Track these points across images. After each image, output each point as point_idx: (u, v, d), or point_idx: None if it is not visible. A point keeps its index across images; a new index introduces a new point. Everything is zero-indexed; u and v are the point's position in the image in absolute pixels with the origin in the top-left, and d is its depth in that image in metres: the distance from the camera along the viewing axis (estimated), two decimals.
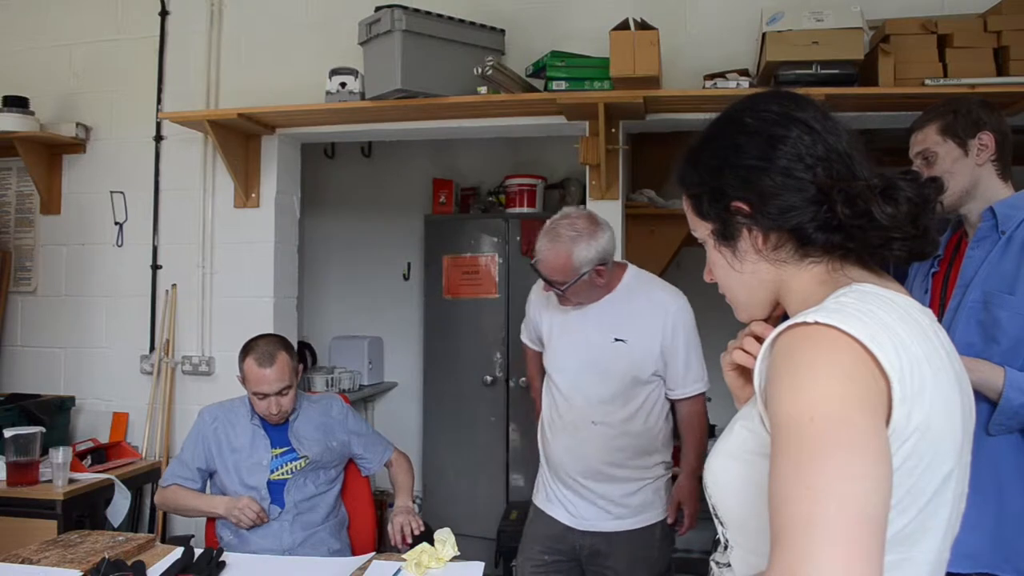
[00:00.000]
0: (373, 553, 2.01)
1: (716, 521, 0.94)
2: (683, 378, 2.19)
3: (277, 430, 2.34)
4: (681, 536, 2.27)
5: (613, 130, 2.86)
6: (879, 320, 0.78)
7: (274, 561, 2.03)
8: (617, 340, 2.12)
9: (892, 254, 0.85)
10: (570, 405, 2.16)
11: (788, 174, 0.87)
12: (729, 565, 0.93)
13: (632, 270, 2.23)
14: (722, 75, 2.70)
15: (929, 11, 2.69)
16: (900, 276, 1.71)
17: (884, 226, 0.83)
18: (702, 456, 2.27)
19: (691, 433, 2.25)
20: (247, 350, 2.29)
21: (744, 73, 2.71)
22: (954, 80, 2.48)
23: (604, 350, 2.12)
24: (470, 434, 4.02)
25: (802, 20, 2.54)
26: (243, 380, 2.30)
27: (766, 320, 0.97)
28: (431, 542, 1.86)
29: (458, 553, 1.84)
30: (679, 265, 3.77)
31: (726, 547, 0.94)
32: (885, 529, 0.69)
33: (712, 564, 0.98)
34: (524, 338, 2.46)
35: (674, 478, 2.28)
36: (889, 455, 0.73)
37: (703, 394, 2.25)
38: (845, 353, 0.75)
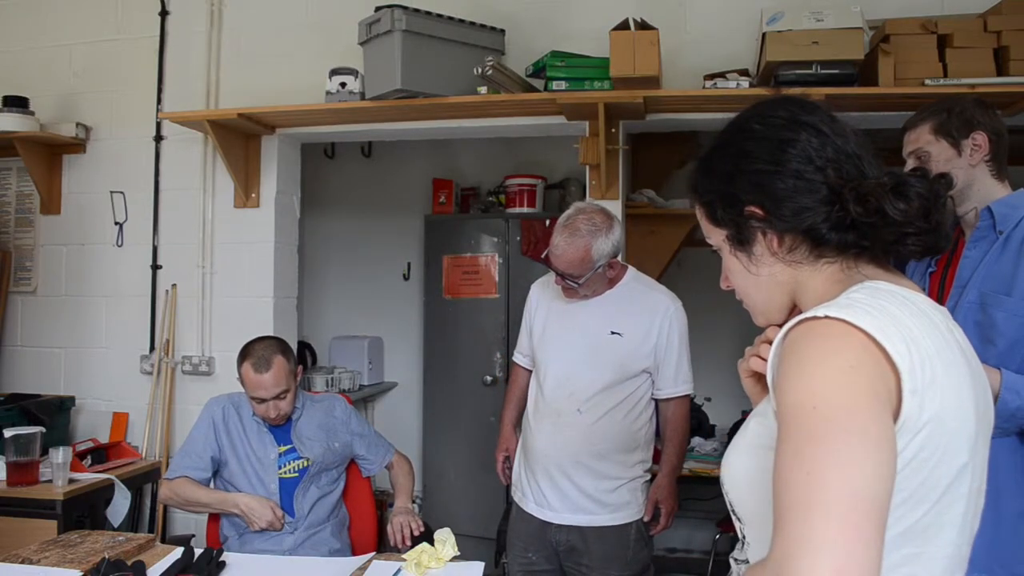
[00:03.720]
0: (373, 553, 2.01)
1: (733, 517, 0.95)
2: (673, 378, 2.25)
3: (280, 429, 2.34)
4: (655, 535, 2.29)
5: (613, 130, 2.86)
6: (890, 315, 0.79)
7: (274, 561, 2.03)
8: (613, 333, 2.19)
9: (907, 249, 0.87)
10: (559, 393, 2.21)
11: (799, 176, 0.88)
12: (747, 562, 0.93)
13: (632, 271, 2.31)
14: (722, 75, 2.70)
15: (929, 11, 2.69)
16: None
17: (897, 222, 0.84)
18: (683, 456, 2.35)
19: (674, 434, 2.29)
20: (244, 354, 2.29)
21: (744, 73, 2.71)
22: (954, 80, 2.48)
23: (600, 341, 2.19)
24: (470, 434, 4.02)
25: (802, 20, 2.54)
26: (242, 383, 2.31)
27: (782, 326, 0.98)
28: (431, 542, 1.86)
29: (458, 553, 1.84)
30: (679, 265, 3.78)
31: (744, 543, 0.94)
32: (886, 514, 0.70)
33: (732, 561, 0.99)
34: (519, 356, 2.46)
35: (654, 477, 2.31)
36: (893, 442, 0.74)
37: (688, 397, 2.31)
38: (852, 345, 0.76)
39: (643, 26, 2.64)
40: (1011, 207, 1.60)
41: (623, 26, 2.64)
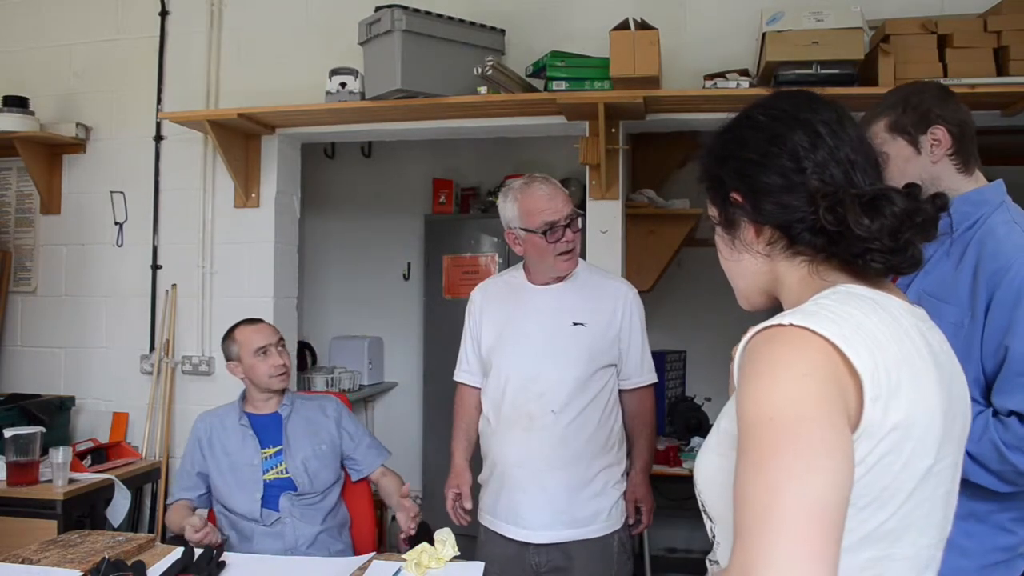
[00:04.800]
0: (373, 553, 2.01)
1: (704, 516, 0.95)
2: (639, 366, 2.17)
3: (266, 430, 2.31)
4: (636, 535, 2.21)
5: (613, 130, 2.86)
6: (855, 321, 0.80)
7: (274, 561, 2.03)
8: (576, 324, 2.09)
9: (868, 265, 0.86)
10: (526, 395, 2.08)
11: (782, 174, 0.89)
12: (719, 563, 0.93)
13: (583, 263, 2.21)
14: (722, 75, 2.70)
15: (929, 11, 2.69)
16: None
17: (860, 236, 0.84)
18: (654, 450, 2.27)
19: (642, 428, 2.19)
20: (232, 328, 2.40)
21: (744, 73, 2.71)
22: (954, 80, 2.47)
23: (563, 335, 2.08)
24: None
25: (802, 20, 2.54)
26: (238, 355, 2.32)
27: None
28: (431, 542, 1.86)
29: (458, 553, 1.84)
30: (679, 265, 3.78)
31: (715, 543, 0.94)
32: (843, 522, 0.71)
33: (707, 563, 0.99)
34: (464, 374, 2.28)
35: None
36: (849, 450, 0.74)
37: (654, 387, 2.23)
38: (810, 353, 0.77)
39: (643, 26, 2.64)
40: (972, 204, 1.49)
41: (623, 26, 2.64)
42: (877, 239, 0.84)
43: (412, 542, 2.08)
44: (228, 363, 2.37)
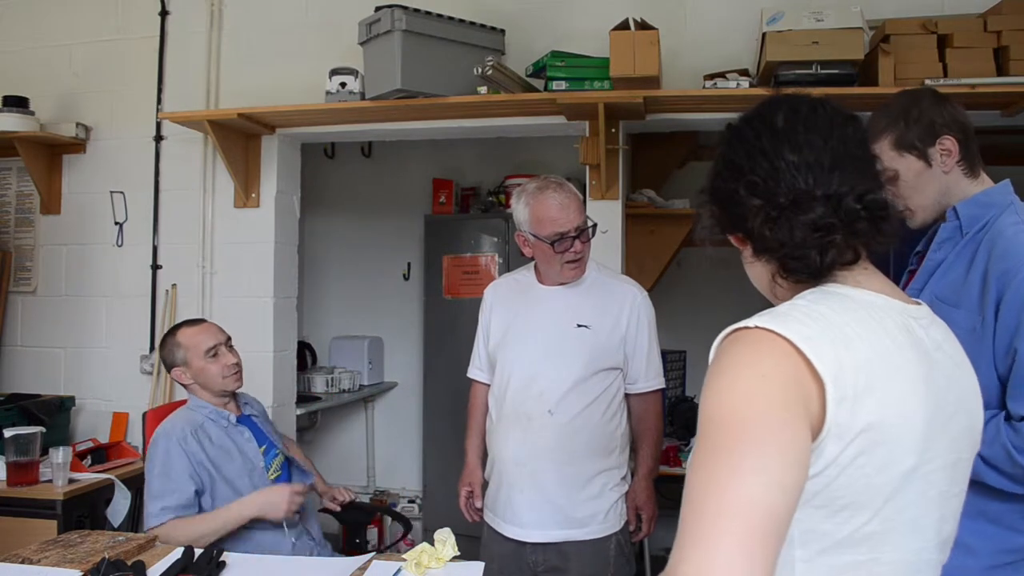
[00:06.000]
0: (373, 553, 2.01)
1: None
2: (645, 370, 2.15)
3: (252, 428, 2.28)
4: (636, 542, 2.19)
5: (613, 130, 2.86)
6: (826, 322, 0.80)
7: (274, 561, 2.02)
8: (580, 326, 2.08)
9: (790, 271, 0.89)
10: (526, 394, 2.08)
11: (730, 190, 0.92)
12: None
13: (593, 264, 2.19)
14: (722, 75, 2.70)
15: (929, 11, 2.69)
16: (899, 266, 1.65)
17: (770, 247, 0.88)
18: (659, 456, 2.23)
19: (648, 433, 2.18)
20: (171, 332, 2.28)
21: (744, 73, 2.71)
22: (954, 80, 2.48)
23: (566, 336, 2.08)
24: None
25: (802, 20, 2.54)
26: (185, 359, 2.20)
27: None
28: (431, 542, 1.85)
29: (458, 553, 1.84)
30: (679, 265, 3.78)
31: None
32: (783, 525, 0.71)
33: None
34: (476, 371, 2.32)
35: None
36: (802, 452, 0.74)
37: (661, 392, 2.21)
38: (769, 355, 0.77)
39: (643, 26, 2.64)
40: (981, 206, 1.47)
41: (623, 26, 2.64)
42: (785, 247, 0.87)
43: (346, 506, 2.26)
44: (173, 370, 2.23)
